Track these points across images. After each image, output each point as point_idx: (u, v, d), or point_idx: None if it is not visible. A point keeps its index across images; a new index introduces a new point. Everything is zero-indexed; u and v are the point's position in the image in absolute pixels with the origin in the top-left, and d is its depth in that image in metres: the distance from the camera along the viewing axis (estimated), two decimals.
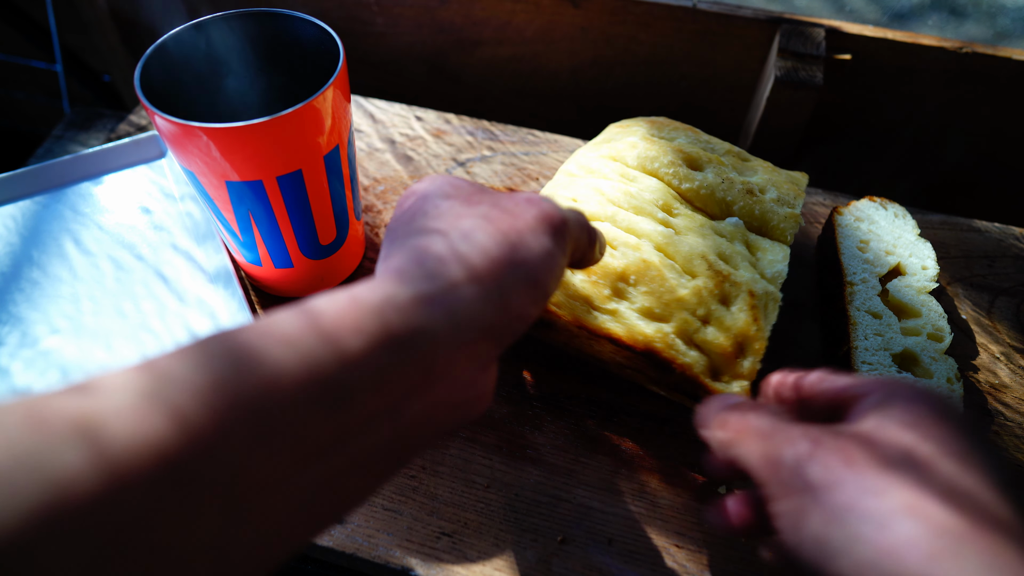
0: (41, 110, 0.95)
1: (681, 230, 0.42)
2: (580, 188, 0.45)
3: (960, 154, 0.69)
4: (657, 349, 0.38)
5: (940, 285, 0.51)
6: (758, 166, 0.47)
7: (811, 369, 0.32)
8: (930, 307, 0.45)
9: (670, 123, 0.49)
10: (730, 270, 0.40)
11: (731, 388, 0.38)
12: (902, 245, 0.49)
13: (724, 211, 0.44)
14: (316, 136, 0.40)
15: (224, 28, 0.43)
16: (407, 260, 0.26)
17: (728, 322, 0.39)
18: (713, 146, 0.47)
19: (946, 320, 0.45)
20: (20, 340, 0.46)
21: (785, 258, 0.42)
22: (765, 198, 0.44)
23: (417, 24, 0.72)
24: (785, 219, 0.43)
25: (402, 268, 0.26)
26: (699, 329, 0.39)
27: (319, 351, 0.21)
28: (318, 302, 0.23)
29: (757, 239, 0.43)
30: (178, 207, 0.55)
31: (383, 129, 0.62)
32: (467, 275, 0.25)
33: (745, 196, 0.44)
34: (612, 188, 0.44)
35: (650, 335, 0.39)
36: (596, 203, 0.43)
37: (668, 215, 0.43)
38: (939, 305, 0.46)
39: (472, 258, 0.26)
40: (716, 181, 0.44)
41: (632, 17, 0.66)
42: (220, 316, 0.48)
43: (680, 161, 0.45)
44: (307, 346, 0.21)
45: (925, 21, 0.73)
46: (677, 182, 0.44)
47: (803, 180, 0.47)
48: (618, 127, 0.50)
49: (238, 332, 0.21)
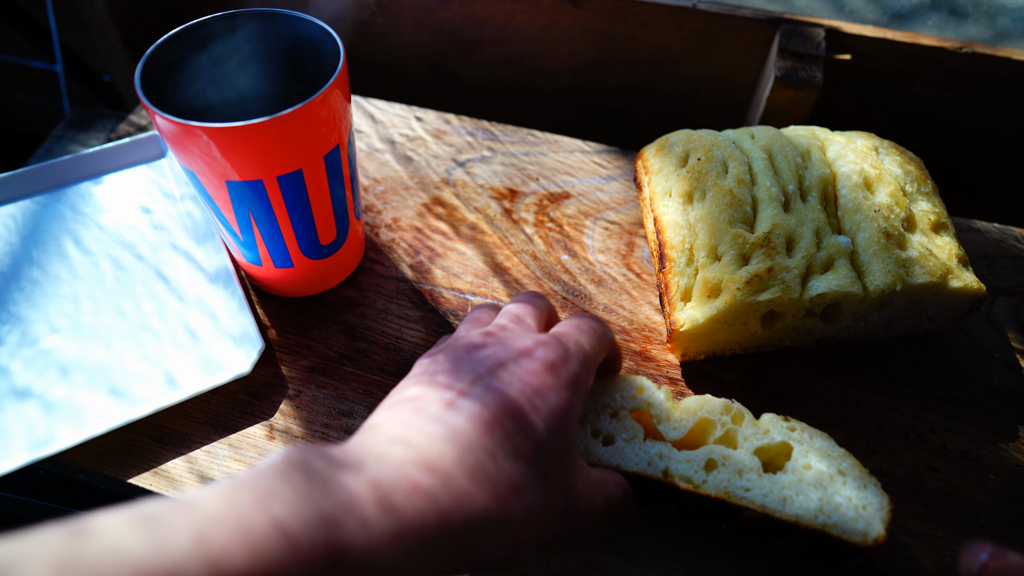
0: (41, 110, 0.95)
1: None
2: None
3: (960, 154, 0.69)
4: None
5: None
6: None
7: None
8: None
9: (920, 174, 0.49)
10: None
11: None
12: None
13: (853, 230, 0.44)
14: (316, 136, 0.40)
15: (224, 28, 0.43)
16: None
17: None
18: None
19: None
20: (20, 339, 0.46)
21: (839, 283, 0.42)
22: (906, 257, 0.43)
23: (417, 24, 0.72)
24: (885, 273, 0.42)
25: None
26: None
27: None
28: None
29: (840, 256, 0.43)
30: (178, 207, 0.55)
31: (383, 129, 0.62)
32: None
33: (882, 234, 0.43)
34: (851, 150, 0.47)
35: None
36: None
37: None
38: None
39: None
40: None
41: (632, 17, 0.66)
42: (220, 316, 0.48)
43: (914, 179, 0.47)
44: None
45: (925, 21, 0.73)
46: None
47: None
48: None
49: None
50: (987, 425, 0.44)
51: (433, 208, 0.56)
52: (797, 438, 0.37)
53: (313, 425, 0.43)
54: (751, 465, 0.36)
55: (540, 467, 0.28)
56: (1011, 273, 0.52)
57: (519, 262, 0.52)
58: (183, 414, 0.44)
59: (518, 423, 0.29)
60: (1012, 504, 0.41)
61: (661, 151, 0.50)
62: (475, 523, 0.26)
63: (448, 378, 0.30)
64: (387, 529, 0.23)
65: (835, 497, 0.35)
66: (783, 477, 0.35)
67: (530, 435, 0.29)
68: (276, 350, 0.47)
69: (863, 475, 0.36)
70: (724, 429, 0.37)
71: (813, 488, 0.35)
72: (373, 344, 0.47)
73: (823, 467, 0.36)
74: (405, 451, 0.27)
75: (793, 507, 0.34)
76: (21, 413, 0.42)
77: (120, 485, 0.42)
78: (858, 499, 0.35)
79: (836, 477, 0.35)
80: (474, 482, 0.26)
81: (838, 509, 0.34)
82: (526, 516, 0.27)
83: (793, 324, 0.44)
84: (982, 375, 0.46)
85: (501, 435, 0.28)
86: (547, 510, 0.28)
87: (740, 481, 0.35)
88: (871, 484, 0.35)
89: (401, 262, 0.52)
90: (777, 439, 0.37)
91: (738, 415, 0.38)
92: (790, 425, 0.38)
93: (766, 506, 0.34)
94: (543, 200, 0.56)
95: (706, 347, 0.45)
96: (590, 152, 0.60)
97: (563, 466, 0.30)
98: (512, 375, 0.30)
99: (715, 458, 0.36)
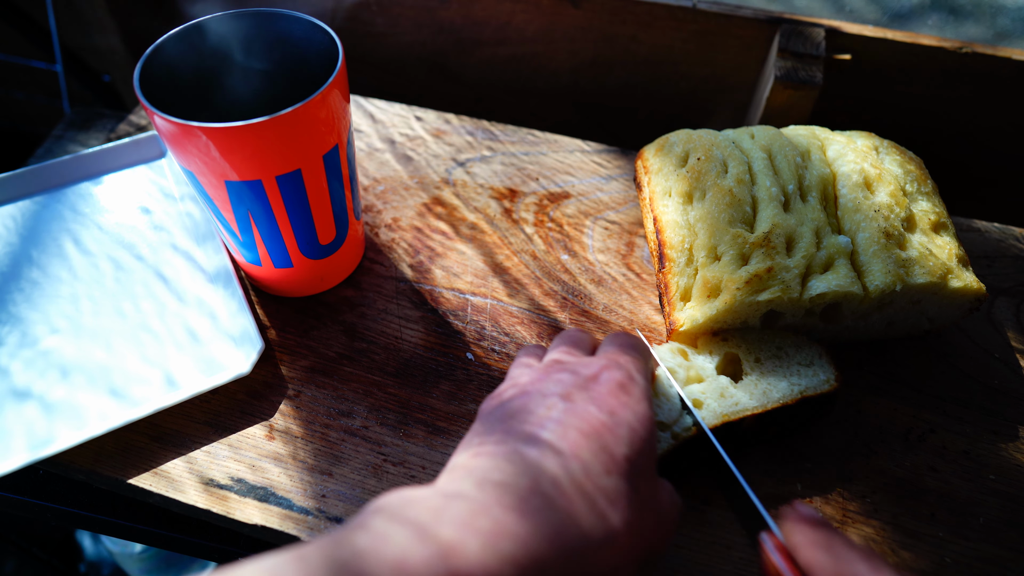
0: (41, 110, 0.95)
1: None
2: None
3: (960, 154, 0.69)
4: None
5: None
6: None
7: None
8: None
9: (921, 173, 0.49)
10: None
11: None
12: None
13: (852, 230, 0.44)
14: (315, 136, 0.40)
15: (224, 28, 0.43)
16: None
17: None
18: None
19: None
20: (20, 340, 0.46)
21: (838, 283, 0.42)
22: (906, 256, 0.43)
23: (417, 24, 0.72)
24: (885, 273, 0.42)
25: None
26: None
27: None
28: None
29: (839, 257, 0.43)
30: (178, 207, 0.55)
31: (383, 129, 0.62)
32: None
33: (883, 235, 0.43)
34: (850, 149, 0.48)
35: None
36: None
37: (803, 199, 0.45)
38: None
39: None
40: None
41: (632, 17, 0.66)
42: (220, 316, 0.48)
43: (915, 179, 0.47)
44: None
45: (925, 21, 0.73)
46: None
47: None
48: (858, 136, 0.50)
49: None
50: (987, 425, 0.44)
51: (433, 208, 0.56)
52: (734, 344, 0.43)
53: (313, 425, 0.43)
54: (724, 384, 0.41)
55: (631, 480, 0.29)
56: (1011, 273, 0.52)
57: (519, 262, 0.52)
58: (183, 414, 0.44)
59: (604, 439, 0.29)
60: (1012, 504, 0.41)
61: (661, 151, 0.50)
62: (582, 542, 0.26)
63: (525, 413, 0.31)
64: (500, 561, 0.24)
65: (792, 369, 0.42)
66: (749, 380, 0.41)
67: (617, 450, 0.29)
68: (276, 350, 0.47)
69: (796, 340, 0.43)
70: (685, 373, 0.42)
71: (774, 375, 0.41)
72: (373, 344, 0.47)
73: (769, 353, 0.43)
74: (453, 501, 0.26)
75: (775, 395, 0.40)
76: (21, 414, 0.42)
77: (120, 485, 0.42)
78: (804, 360, 0.42)
79: (781, 356, 0.42)
80: (576, 502, 0.26)
81: (801, 376, 0.41)
82: (627, 529, 0.27)
83: (793, 324, 0.44)
84: (982, 375, 0.46)
85: (591, 452, 0.28)
86: (642, 522, 0.28)
87: (727, 401, 0.40)
88: (803, 345, 0.43)
89: (401, 262, 0.52)
90: (720, 355, 0.43)
91: (683, 353, 0.43)
92: (720, 336, 0.44)
93: (758, 407, 0.40)
94: (543, 200, 0.56)
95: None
96: (590, 152, 0.60)
97: (649, 478, 0.30)
98: (588, 397, 0.31)
99: (696, 397, 0.40)
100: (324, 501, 0.40)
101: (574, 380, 0.32)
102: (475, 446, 0.30)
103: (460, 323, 0.49)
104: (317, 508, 0.40)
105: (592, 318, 0.49)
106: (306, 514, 0.40)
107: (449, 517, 0.25)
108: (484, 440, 0.30)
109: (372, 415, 0.44)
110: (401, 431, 0.43)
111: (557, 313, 0.49)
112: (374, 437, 0.43)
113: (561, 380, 0.32)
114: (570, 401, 0.31)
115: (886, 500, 0.41)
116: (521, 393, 0.32)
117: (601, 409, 0.30)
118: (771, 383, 0.41)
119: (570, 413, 0.30)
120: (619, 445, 0.29)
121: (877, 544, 0.39)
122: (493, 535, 0.24)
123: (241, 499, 0.40)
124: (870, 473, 0.42)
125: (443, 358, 0.47)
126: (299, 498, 0.40)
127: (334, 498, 0.40)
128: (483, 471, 0.27)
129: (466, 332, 0.48)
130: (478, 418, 0.33)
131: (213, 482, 0.41)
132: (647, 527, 0.29)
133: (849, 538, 0.28)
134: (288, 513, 0.40)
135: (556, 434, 0.29)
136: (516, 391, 0.33)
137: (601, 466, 0.28)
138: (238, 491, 0.41)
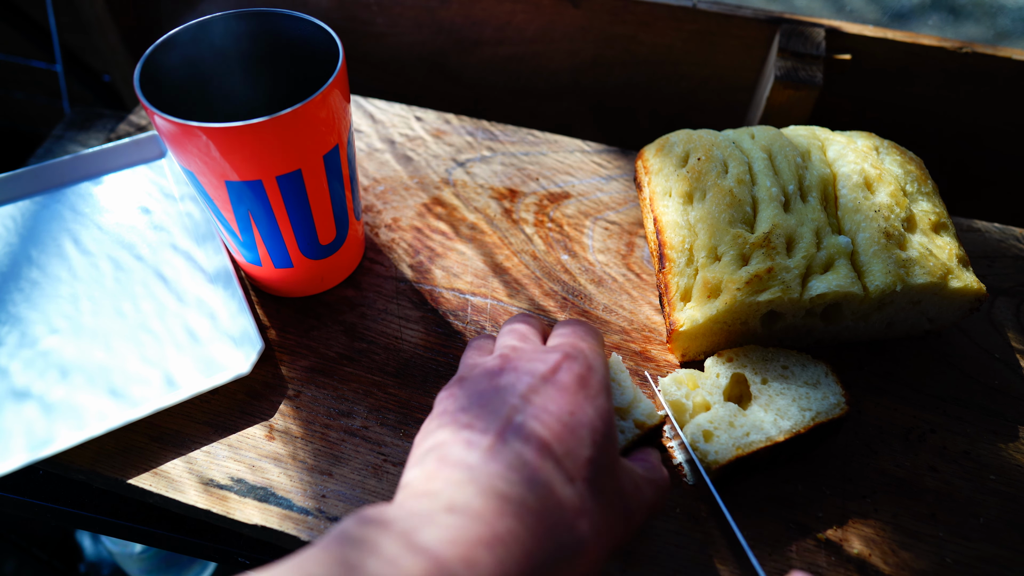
0: (41, 110, 0.95)
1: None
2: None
3: (960, 154, 0.69)
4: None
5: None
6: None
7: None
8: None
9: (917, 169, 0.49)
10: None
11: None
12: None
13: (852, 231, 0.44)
14: (315, 136, 0.40)
15: (224, 28, 0.43)
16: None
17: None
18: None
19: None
20: (19, 340, 0.46)
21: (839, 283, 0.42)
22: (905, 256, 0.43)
23: (417, 24, 0.72)
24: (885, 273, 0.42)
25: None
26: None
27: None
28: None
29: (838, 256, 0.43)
30: (178, 207, 0.55)
31: (383, 129, 0.62)
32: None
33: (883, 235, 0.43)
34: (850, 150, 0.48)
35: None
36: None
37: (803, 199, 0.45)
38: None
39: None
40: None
41: (632, 17, 0.66)
42: (220, 316, 0.48)
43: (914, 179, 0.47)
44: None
45: (925, 21, 0.73)
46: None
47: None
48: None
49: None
50: (987, 425, 0.44)
51: (433, 208, 0.56)
52: (739, 364, 0.42)
53: (313, 426, 0.43)
54: (733, 411, 0.40)
55: (594, 483, 0.28)
56: (1011, 273, 0.52)
57: (519, 262, 0.52)
58: (183, 415, 0.44)
59: (567, 445, 0.28)
60: (1012, 504, 0.41)
61: (661, 151, 0.50)
62: (553, 556, 0.25)
63: (477, 419, 0.29)
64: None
65: (801, 392, 0.40)
66: (758, 405, 0.40)
67: (579, 453, 0.28)
68: (276, 350, 0.47)
69: (800, 358, 0.42)
70: (691, 401, 0.41)
71: (782, 397, 0.40)
72: (373, 344, 0.47)
73: (775, 374, 0.42)
74: (459, 519, 0.25)
75: (786, 424, 0.39)
76: (21, 414, 0.42)
77: (120, 485, 0.42)
78: (811, 379, 0.41)
79: (788, 376, 0.41)
80: (543, 519, 0.26)
81: (811, 400, 0.40)
82: (595, 534, 0.27)
83: (793, 324, 0.44)
84: (982, 375, 0.46)
85: (552, 465, 0.28)
86: (608, 520, 0.28)
87: (738, 432, 0.39)
88: (808, 363, 0.42)
89: (401, 262, 0.52)
90: (727, 378, 0.42)
91: (690, 379, 0.42)
92: (725, 356, 0.43)
93: (770, 437, 0.38)
94: (543, 200, 0.56)
95: (706, 347, 0.45)
96: (590, 152, 0.60)
97: (611, 472, 0.30)
98: (544, 400, 0.30)
99: (706, 428, 0.39)
100: (324, 501, 0.40)
101: (531, 380, 0.31)
102: (423, 458, 0.29)
103: (460, 323, 0.49)
104: (317, 508, 0.40)
105: (592, 318, 0.49)
106: (306, 514, 0.40)
107: (434, 536, 0.24)
108: (430, 455, 0.29)
109: (372, 415, 0.44)
110: (401, 431, 0.43)
111: (557, 313, 0.49)
112: (374, 437, 0.43)
113: (518, 381, 0.31)
114: (529, 406, 0.29)
115: (886, 500, 0.41)
116: (477, 394, 0.31)
117: (559, 414, 0.29)
118: (781, 409, 0.40)
119: (532, 418, 0.29)
120: (581, 447, 0.29)
121: (877, 544, 0.39)
122: (468, 561, 0.24)
123: (241, 499, 0.40)
124: (870, 473, 0.42)
125: (443, 358, 0.47)
126: (299, 498, 0.40)
127: (334, 498, 0.40)
128: (450, 493, 0.26)
129: (466, 332, 0.48)
130: (437, 414, 0.31)
131: (213, 482, 0.41)
132: (614, 524, 0.29)
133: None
134: (288, 513, 0.40)
135: (520, 445, 0.28)
136: (474, 388, 0.31)
137: (564, 475, 0.28)
138: (238, 491, 0.41)
